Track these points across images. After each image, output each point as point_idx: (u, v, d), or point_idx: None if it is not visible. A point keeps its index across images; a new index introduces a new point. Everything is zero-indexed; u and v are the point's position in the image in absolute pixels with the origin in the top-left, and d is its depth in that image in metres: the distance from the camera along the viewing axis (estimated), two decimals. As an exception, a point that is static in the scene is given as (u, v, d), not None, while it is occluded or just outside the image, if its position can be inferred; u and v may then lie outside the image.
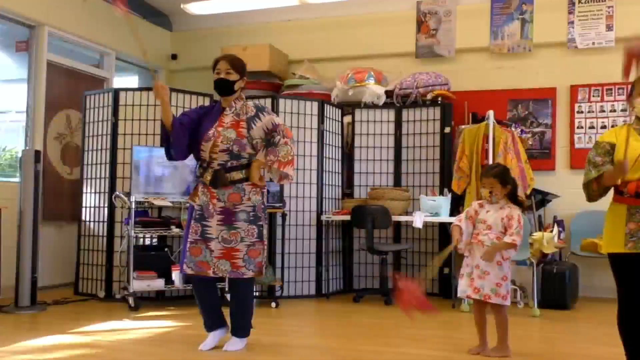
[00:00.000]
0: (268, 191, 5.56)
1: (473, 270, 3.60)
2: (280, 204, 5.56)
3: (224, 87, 3.59)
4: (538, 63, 6.49)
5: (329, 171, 6.20)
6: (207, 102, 5.80)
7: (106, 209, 5.65)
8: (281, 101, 5.99)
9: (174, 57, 7.89)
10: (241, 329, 3.62)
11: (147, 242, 5.46)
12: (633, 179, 2.89)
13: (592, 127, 6.30)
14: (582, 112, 6.34)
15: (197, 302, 3.68)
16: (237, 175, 3.51)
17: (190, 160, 3.89)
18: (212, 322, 3.66)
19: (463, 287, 3.64)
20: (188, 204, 3.72)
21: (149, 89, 5.95)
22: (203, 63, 7.09)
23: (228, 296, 4.17)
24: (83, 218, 5.85)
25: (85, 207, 5.85)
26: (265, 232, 3.64)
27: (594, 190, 3.02)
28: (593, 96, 6.31)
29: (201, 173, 3.59)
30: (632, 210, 2.91)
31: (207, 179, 3.53)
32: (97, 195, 5.75)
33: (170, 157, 3.68)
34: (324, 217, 5.99)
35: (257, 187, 3.58)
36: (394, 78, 6.60)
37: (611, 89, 6.23)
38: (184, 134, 3.55)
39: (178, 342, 3.93)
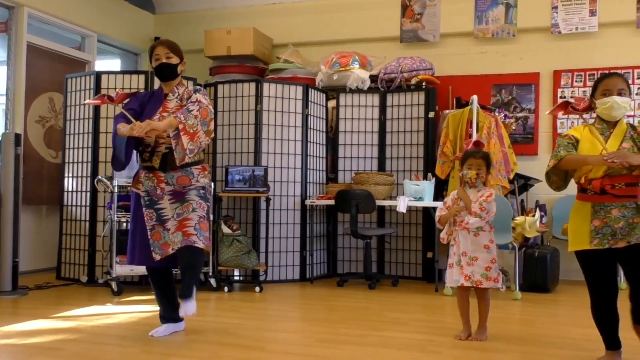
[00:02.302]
0: (253, 175, 5.57)
1: (461, 257, 3.61)
2: (264, 189, 5.56)
3: (168, 72, 3.57)
4: (522, 48, 6.51)
5: (313, 156, 6.20)
6: (189, 86, 5.74)
7: (88, 193, 5.62)
8: (265, 85, 5.96)
9: (156, 40, 7.79)
10: (188, 289, 3.45)
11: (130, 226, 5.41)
12: (597, 176, 2.95)
13: (574, 113, 6.33)
14: (565, 97, 6.36)
15: (154, 292, 3.70)
16: (184, 158, 3.46)
17: None
18: (168, 314, 3.67)
19: (456, 276, 3.63)
20: (130, 193, 3.67)
21: (131, 72, 5.90)
22: (186, 46, 6.93)
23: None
24: (65, 202, 5.80)
25: (68, 191, 5.80)
26: (210, 212, 3.64)
27: (554, 182, 3.13)
28: (576, 81, 6.34)
29: (147, 158, 3.53)
30: (596, 208, 2.99)
31: (155, 163, 3.50)
32: (80, 179, 5.70)
33: (122, 165, 3.56)
34: (308, 202, 5.99)
35: (204, 171, 3.60)
36: (378, 62, 6.59)
37: (593, 74, 6.27)
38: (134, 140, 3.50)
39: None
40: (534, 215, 5.42)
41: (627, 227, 2.92)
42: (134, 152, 3.61)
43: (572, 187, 3.19)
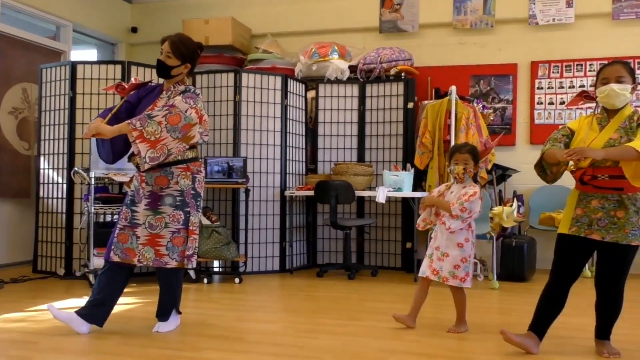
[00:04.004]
0: (231, 166, 5.54)
1: (434, 251, 3.63)
2: (244, 180, 5.53)
3: (160, 70, 3.47)
4: (500, 39, 6.55)
5: (292, 147, 6.18)
6: (182, 87, 5.69)
7: (65, 185, 5.55)
8: (244, 76, 5.92)
9: (134, 30, 7.72)
10: (164, 313, 3.55)
11: (108, 218, 5.36)
12: (583, 166, 2.99)
13: (551, 103, 6.40)
14: (542, 88, 6.43)
15: (97, 285, 3.46)
16: (150, 167, 3.33)
17: None
18: (100, 313, 3.47)
19: (423, 267, 3.66)
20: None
21: (107, 62, 5.83)
22: (164, 36, 6.96)
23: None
24: (41, 194, 5.73)
25: (44, 183, 5.72)
26: (194, 219, 3.46)
27: (551, 173, 3.18)
28: (553, 72, 6.40)
29: (130, 157, 3.47)
30: (581, 197, 3.07)
31: (135, 162, 3.41)
32: (56, 171, 5.63)
33: (109, 160, 3.52)
34: (287, 193, 5.98)
35: (187, 171, 3.43)
36: (357, 53, 6.59)
37: (570, 66, 6.33)
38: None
39: (140, 318, 3.90)
40: (511, 206, 5.47)
41: (607, 220, 2.96)
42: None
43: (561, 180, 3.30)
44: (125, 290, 3.61)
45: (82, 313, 3.44)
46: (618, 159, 2.87)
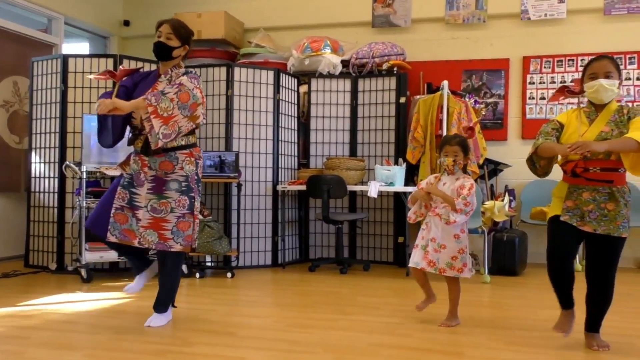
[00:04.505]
0: (223, 161, 5.54)
1: (429, 243, 3.61)
2: (236, 174, 5.53)
3: (162, 51, 3.46)
4: (492, 34, 6.56)
5: (284, 141, 6.18)
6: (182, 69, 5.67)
7: (56, 180, 5.53)
8: (236, 70, 5.91)
9: (126, 23, 7.68)
10: (162, 305, 3.57)
11: (100, 213, 5.35)
12: (574, 159, 3.01)
13: (543, 98, 6.42)
14: (533, 83, 6.45)
15: (122, 255, 3.72)
16: (163, 145, 3.33)
17: None
18: (139, 263, 3.67)
19: (417, 258, 3.63)
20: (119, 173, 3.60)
21: (99, 55, 5.80)
22: (156, 30, 6.94)
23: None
24: (33, 189, 5.70)
25: (35, 177, 5.70)
26: (197, 205, 3.51)
27: (540, 167, 3.20)
28: (544, 67, 6.42)
29: (132, 140, 3.49)
30: (571, 189, 3.09)
31: (138, 146, 3.43)
32: (47, 165, 5.61)
33: (109, 143, 3.51)
34: (279, 187, 5.99)
35: (191, 157, 3.47)
36: (350, 47, 6.58)
37: (562, 61, 6.35)
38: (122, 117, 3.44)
39: (132, 313, 3.90)
40: (502, 200, 5.49)
41: (597, 212, 2.99)
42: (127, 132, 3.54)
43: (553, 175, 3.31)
44: (116, 284, 3.62)
45: (137, 269, 3.65)
46: (620, 151, 2.92)
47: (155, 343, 3.21)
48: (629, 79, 6.18)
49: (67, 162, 5.29)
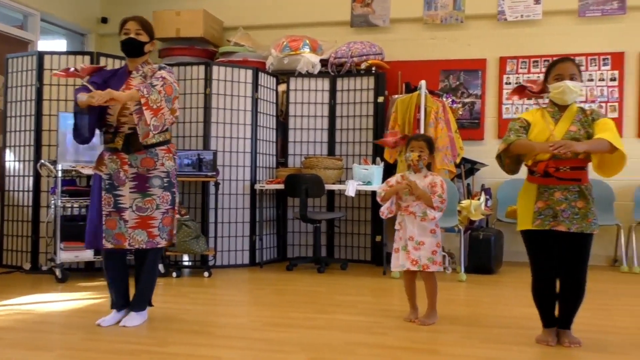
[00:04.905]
0: (201, 159, 5.52)
1: (407, 242, 3.65)
2: (214, 173, 5.51)
3: (134, 47, 3.47)
4: (469, 34, 6.61)
5: (263, 140, 6.17)
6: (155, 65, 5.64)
7: (31, 178, 5.46)
8: (215, 68, 5.89)
9: (104, 20, 7.60)
10: (141, 303, 3.56)
11: (75, 212, 5.31)
12: (543, 159, 3.06)
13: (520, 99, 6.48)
14: (510, 83, 6.51)
15: (107, 278, 3.58)
16: (151, 139, 3.38)
17: None
18: (122, 301, 3.60)
19: (402, 261, 3.66)
20: (93, 174, 3.54)
21: (76, 53, 5.74)
22: (133, 27, 6.88)
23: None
24: (7, 187, 5.63)
25: (9, 175, 5.62)
26: (177, 199, 3.59)
27: (506, 165, 3.22)
28: (521, 68, 6.49)
29: (110, 139, 3.45)
30: (541, 189, 3.12)
31: (118, 144, 3.41)
32: (22, 163, 5.54)
33: (85, 139, 3.47)
34: (257, 186, 5.98)
35: (169, 152, 3.51)
36: (329, 47, 6.59)
37: (537, 61, 6.43)
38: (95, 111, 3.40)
39: (107, 313, 3.86)
40: (479, 199, 5.55)
41: (569, 211, 3.03)
42: (97, 129, 3.50)
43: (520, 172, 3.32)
44: (91, 284, 3.59)
45: (118, 304, 3.58)
46: (595, 151, 2.99)
47: (130, 343, 3.19)
48: (602, 80, 6.28)
49: (42, 161, 5.23)
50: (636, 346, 3.23)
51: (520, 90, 3.33)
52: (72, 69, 3.60)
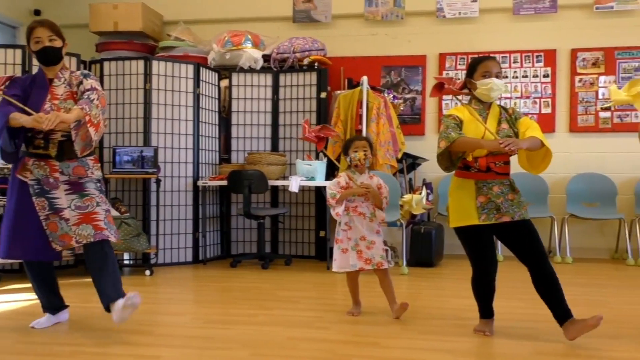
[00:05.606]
0: (142, 156, 5.44)
1: (358, 242, 3.68)
2: (154, 170, 5.42)
3: (53, 56, 3.32)
4: (410, 31, 6.72)
5: (205, 136, 6.11)
6: (73, 62, 5.49)
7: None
8: (154, 63, 5.79)
9: (37, 12, 7.35)
10: (114, 289, 3.29)
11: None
12: (482, 155, 3.12)
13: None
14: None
15: (33, 285, 3.47)
16: (85, 149, 3.29)
17: None
18: (57, 303, 3.52)
19: (353, 261, 3.67)
20: (11, 180, 3.37)
21: (7, 46, 5.53)
22: (70, 20, 6.69)
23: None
24: None
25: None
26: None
27: (442, 163, 3.22)
28: (459, 64, 6.63)
29: (43, 145, 3.29)
30: (479, 185, 3.17)
31: (52, 152, 3.29)
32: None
33: (14, 157, 3.32)
34: (200, 183, 5.92)
35: (96, 162, 3.45)
36: (271, 42, 6.57)
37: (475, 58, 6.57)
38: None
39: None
40: (420, 193, 5.63)
41: (507, 203, 3.12)
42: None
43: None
44: (25, 286, 3.48)
45: (47, 307, 3.51)
46: (533, 149, 3.08)
47: (67, 344, 3.11)
48: (536, 76, 6.48)
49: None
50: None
51: (440, 88, 3.33)
52: None
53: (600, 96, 6.38)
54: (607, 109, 6.31)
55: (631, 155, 6.11)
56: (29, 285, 4.59)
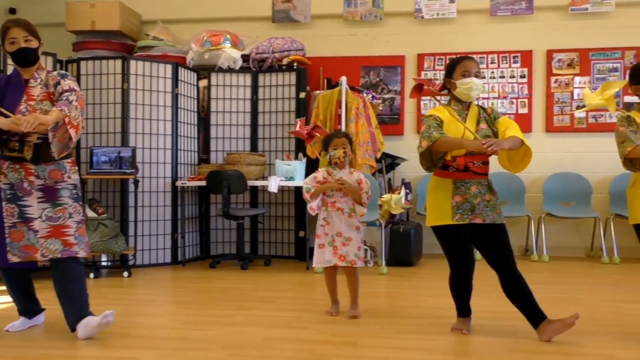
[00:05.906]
0: (120, 157, 5.40)
1: (335, 238, 3.68)
2: (132, 170, 5.39)
3: (30, 57, 3.25)
4: (388, 31, 6.75)
5: (184, 136, 6.08)
6: (49, 62, 5.42)
7: None
8: (132, 63, 5.75)
9: (12, 11, 7.26)
10: (85, 308, 3.30)
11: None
12: (460, 154, 3.14)
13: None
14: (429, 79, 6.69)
15: (8, 290, 3.42)
16: (62, 151, 3.22)
17: None
18: (33, 307, 3.48)
19: (328, 256, 3.67)
20: None
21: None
22: (46, 19, 6.63)
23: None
24: None
25: None
26: (85, 212, 3.49)
27: (423, 163, 3.21)
28: (438, 64, 6.68)
29: (18, 148, 3.23)
30: (457, 184, 3.18)
31: (27, 155, 3.22)
32: None
33: None
34: (179, 183, 5.89)
35: (74, 165, 3.38)
36: (250, 42, 6.56)
37: (453, 58, 6.62)
38: None
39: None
40: (399, 193, 5.67)
41: (482, 204, 3.14)
42: None
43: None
44: (3, 288, 3.42)
45: (24, 311, 3.47)
46: (514, 149, 3.10)
47: (43, 347, 3.09)
48: (513, 76, 6.56)
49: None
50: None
51: (419, 89, 3.36)
52: None
53: (575, 97, 6.47)
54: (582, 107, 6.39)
55: (606, 155, 6.21)
56: (3, 287, 4.54)
